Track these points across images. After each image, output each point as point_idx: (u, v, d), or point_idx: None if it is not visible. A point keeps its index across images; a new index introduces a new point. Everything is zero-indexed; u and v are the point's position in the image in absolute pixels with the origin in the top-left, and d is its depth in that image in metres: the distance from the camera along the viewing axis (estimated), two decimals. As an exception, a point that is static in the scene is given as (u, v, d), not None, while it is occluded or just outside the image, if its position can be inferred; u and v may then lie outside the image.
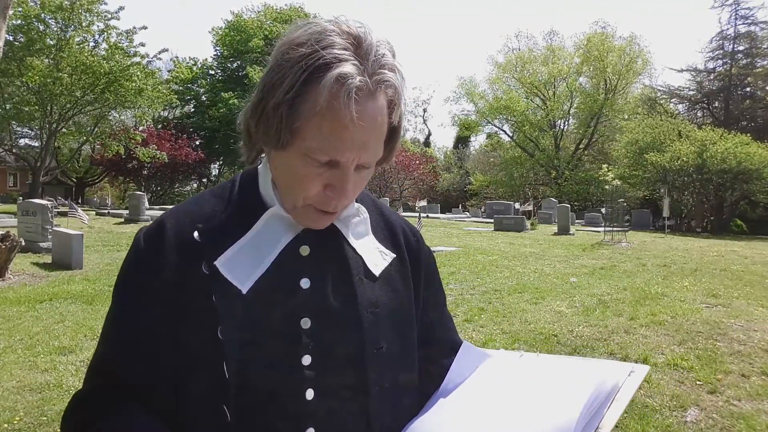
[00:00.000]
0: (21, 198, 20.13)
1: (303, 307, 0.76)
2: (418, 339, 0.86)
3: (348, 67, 0.67)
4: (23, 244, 8.47)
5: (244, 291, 0.74)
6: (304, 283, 0.77)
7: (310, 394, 0.74)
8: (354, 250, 0.83)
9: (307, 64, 0.67)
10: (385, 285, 0.83)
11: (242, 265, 0.76)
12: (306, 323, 0.76)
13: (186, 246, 0.77)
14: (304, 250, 0.79)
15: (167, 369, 0.73)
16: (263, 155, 0.81)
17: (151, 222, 0.83)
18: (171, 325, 0.74)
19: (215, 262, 0.75)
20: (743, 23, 30.64)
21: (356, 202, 0.85)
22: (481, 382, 0.84)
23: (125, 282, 0.80)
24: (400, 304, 0.84)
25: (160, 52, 23.68)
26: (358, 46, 0.70)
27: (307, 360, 0.74)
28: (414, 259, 0.90)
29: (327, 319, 0.77)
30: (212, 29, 41.37)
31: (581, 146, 38.51)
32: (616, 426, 3.25)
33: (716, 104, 31.98)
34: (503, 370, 0.87)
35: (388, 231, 0.89)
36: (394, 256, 0.86)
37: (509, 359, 0.92)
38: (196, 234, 0.77)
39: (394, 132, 0.77)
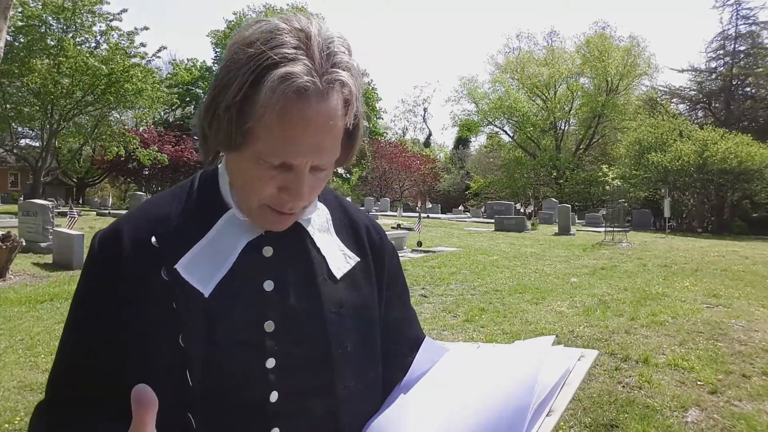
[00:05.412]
0: (22, 198, 20.17)
1: (267, 310, 0.75)
2: (382, 337, 0.86)
3: (295, 67, 0.65)
4: (24, 244, 8.48)
5: (207, 294, 0.72)
6: (268, 285, 0.76)
7: (274, 396, 0.73)
8: (318, 249, 0.82)
9: (256, 65, 0.65)
10: (348, 284, 0.82)
11: (203, 268, 0.74)
12: (270, 326, 0.75)
13: (143, 252, 0.74)
14: (267, 251, 0.78)
15: (128, 377, 0.70)
16: (223, 155, 0.79)
17: (107, 227, 0.80)
18: (130, 333, 0.72)
19: (176, 266, 0.73)
20: (744, 23, 30.62)
21: (319, 200, 0.84)
22: (439, 374, 0.85)
23: (81, 291, 0.78)
24: (363, 303, 0.83)
25: (158, 51, 23.73)
26: (309, 44, 0.67)
27: (271, 363, 0.74)
28: (377, 257, 0.89)
29: (291, 320, 0.76)
30: (210, 32, 41.53)
31: (582, 147, 38.50)
32: (617, 426, 3.26)
33: (717, 104, 31.92)
34: (460, 361, 0.88)
35: (351, 230, 0.88)
36: (358, 260, 0.85)
37: (467, 351, 0.94)
38: (153, 239, 0.75)
39: (352, 132, 0.74)
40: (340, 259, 0.84)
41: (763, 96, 30.47)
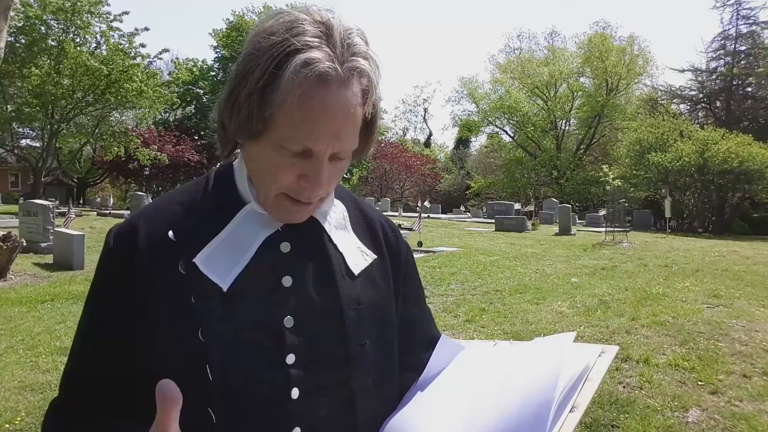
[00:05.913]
0: (22, 198, 20.18)
1: (286, 306, 0.75)
2: (398, 334, 0.86)
3: (316, 53, 0.66)
4: (24, 244, 8.49)
5: (225, 289, 0.72)
6: (286, 281, 0.76)
7: (295, 393, 0.73)
8: (335, 246, 0.82)
9: (278, 52, 0.67)
10: (366, 282, 0.82)
11: (221, 263, 0.73)
12: (289, 322, 0.74)
13: (160, 246, 0.74)
14: (285, 247, 0.78)
15: (147, 373, 0.69)
16: (238, 151, 0.79)
17: (121, 223, 0.80)
18: (148, 329, 0.72)
19: (194, 260, 0.73)
20: (745, 23, 30.62)
21: (335, 198, 0.84)
22: (457, 372, 0.85)
23: (96, 287, 0.78)
24: (381, 300, 0.83)
25: (160, 53, 23.76)
26: (330, 34, 0.69)
27: (291, 359, 0.73)
28: (393, 255, 0.89)
29: (310, 316, 0.76)
30: (213, 31, 41.66)
31: (582, 147, 38.50)
32: (617, 426, 3.25)
33: (718, 104, 31.92)
34: (478, 359, 0.88)
35: (367, 228, 0.89)
36: (375, 257, 0.85)
37: (483, 348, 0.93)
38: (171, 233, 0.74)
39: (369, 123, 0.75)
40: (357, 255, 0.83)
41: (763, 96, 30.46)
